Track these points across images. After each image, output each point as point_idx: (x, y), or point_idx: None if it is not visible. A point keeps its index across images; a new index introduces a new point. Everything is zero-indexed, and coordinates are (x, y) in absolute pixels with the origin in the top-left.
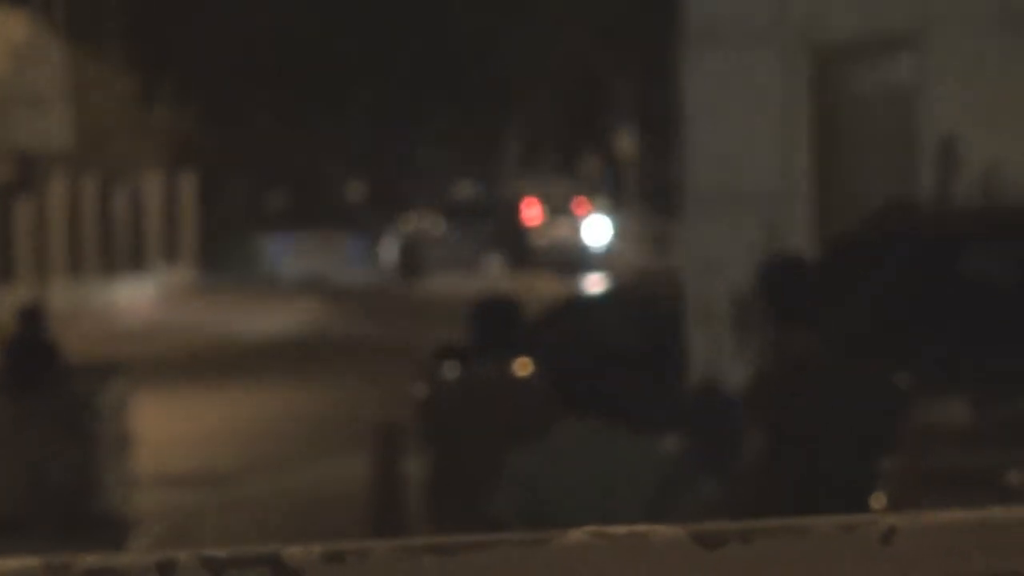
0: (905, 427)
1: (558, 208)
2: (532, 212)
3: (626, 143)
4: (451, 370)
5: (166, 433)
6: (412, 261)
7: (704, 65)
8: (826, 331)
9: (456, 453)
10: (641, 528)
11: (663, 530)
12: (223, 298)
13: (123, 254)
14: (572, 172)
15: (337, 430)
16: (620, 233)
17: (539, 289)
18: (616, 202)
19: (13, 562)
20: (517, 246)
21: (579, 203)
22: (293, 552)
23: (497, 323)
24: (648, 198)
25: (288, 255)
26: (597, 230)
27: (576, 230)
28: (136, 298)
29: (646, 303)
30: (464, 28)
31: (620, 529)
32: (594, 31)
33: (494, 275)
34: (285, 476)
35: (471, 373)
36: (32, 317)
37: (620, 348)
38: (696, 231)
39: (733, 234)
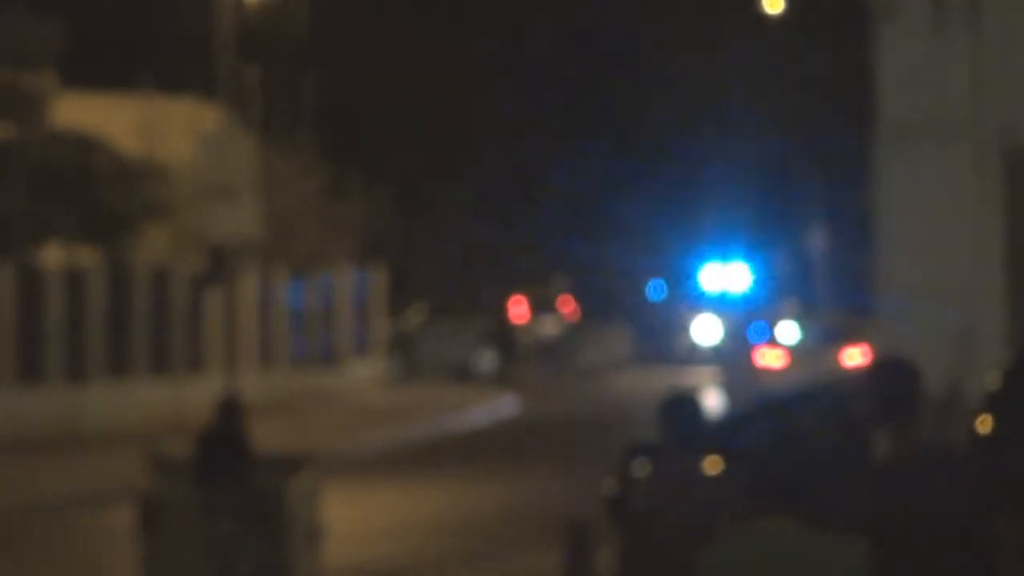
0: None
1: (544, 306)
2: (519, 310)
3: (818, 240)
4: (642, 468)
5: (357, 526)
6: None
7: (898, 163)
8: (1019, 432)
9: (646, 551)
10: None
11: None
12: (411, 390)
13: (313, 346)
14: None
15: (529, 525)
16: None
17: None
18: (806, 301)
19: None
20: (507, 343)
21: (564, 301)
22: None
23: (685, 420)
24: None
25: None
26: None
27: (560, 327)
28: (328, 389)
29: (839, 401)
30: (660, 121)
31: None
32: (787, 128)
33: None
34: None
35: (662, 471)
36: (228, 409)
37: (816, 448)
38: (888, 326)
39: (927, 331)
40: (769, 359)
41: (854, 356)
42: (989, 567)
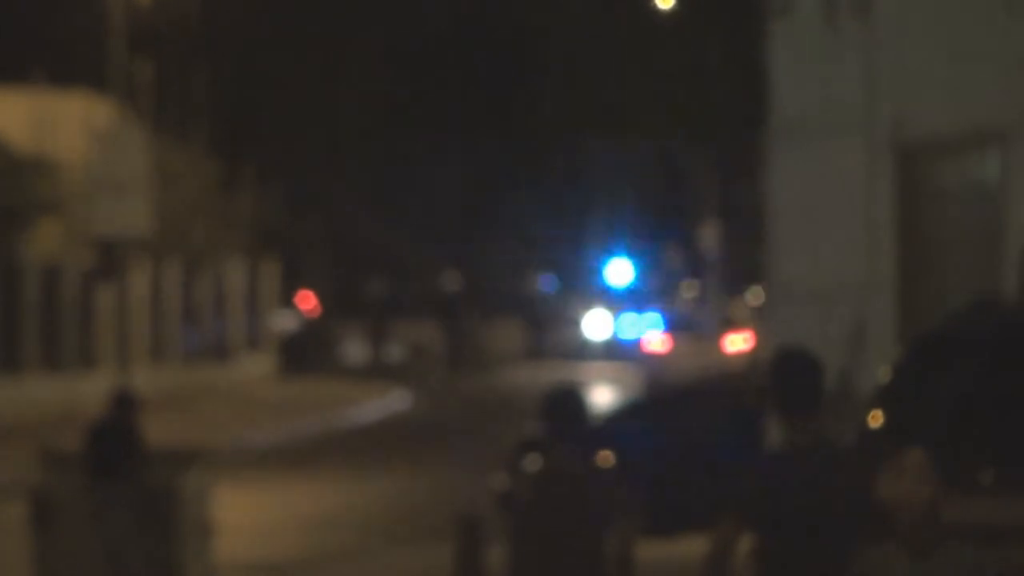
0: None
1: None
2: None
3: (710, 234)
4: (532, 462)
5: (249, 520)
6: None
7: (790, 160)
8: (911, 426)
9: (534, 543)
10: None
11: None
12: (303, 385)
13: (205, 340)
14: (657, 265)
15: (420, 519)
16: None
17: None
18: (700, 293)
19: None
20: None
21: (303, 297)
22: None
23: (568, 414)
24: (729, 290)
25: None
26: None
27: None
28: (220, 383)
29: (726, 396)
30: (548, 120)
31: None
32: (680, 125)
33: None
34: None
35: (548, 464)
36: (122, 403)
37: (704, 441)
38: (780, 322)
39: (818, 325)
40: (655, 345)
41: (736, 342)
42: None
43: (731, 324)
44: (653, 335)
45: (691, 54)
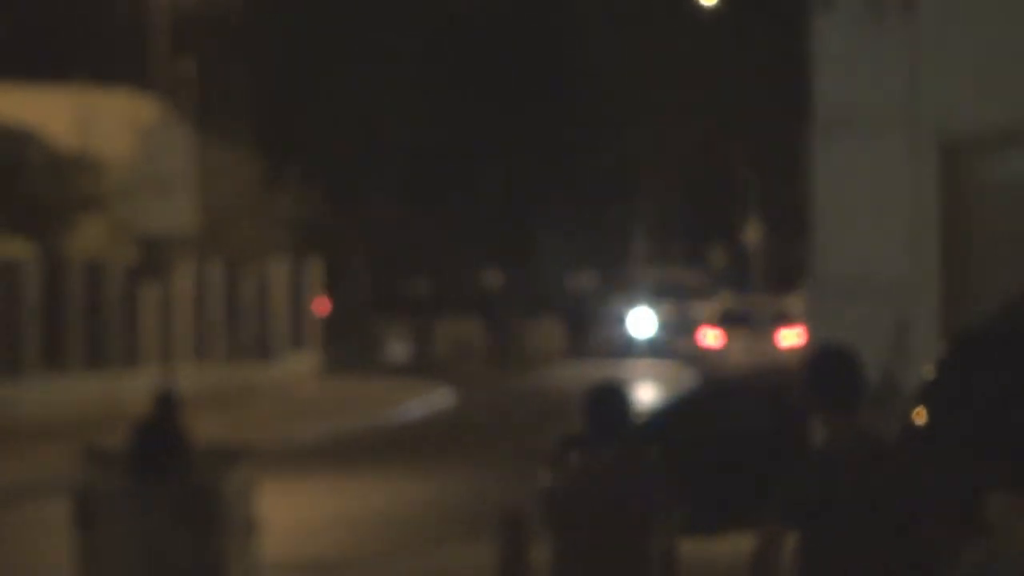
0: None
1: None
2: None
3: (753, 233)
4: (575, 460)
5: (292, 519)
6: None
7: (834, 156)
8: (956, 423)
9: (577, 541)
10: None
11: None
12: (346, 383)
13: (248, 338)
14: (701, 261)
15: (464, 517)
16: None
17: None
18: (741, 290)
19: None
20: None
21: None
22: None
23: (609, 411)
24: (775, 287)
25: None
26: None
27: None
28: (263, 382)
29: (774, 392)
30: (595, 116)
31: None
32: (722, 121)
33: None
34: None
35: (591, 461)
36: (165, 402)
37: (750, 439)
38: (823, 319)
39: (861, 323)
40: (710, 340)
41: (790, 337)
42: (919, 558)
43: (785, 319)
44: (708, 330)
45: (735, 50)
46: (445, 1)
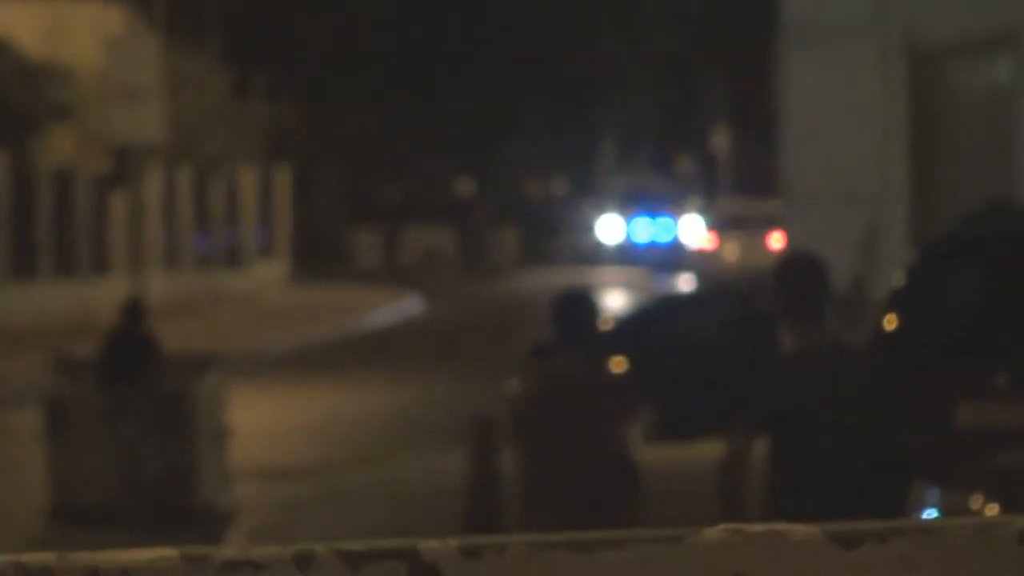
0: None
1: None
2: None
3: (722, 141)
4: (541, 367)
5: (261, 426)
6: None
7: (802, 64)
8: (925, 329)
9: (543, 450)
10: (778, 527)
11: (800, 529)
12: (316, 291)
13: (218, 247)
14: (668, 170)
15: (434, 423)
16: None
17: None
18: (710, 200)
19: (148, 553)
20: None
21: None
22: (430, 546)
23: (575, 318)
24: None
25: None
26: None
27: None
28: (233, 290)
29: (739, 301)
30: (561, 26)
31: (757, 527)
32: (690, 29)
33: None
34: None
35: (558, 367)
36: (133, 310)
37: (712, 345)
38: (794, 228)
39: (832, 231)
40: (703, 243)
41: (781, 240)
42: (892, 463)
43: (775, 223)
44: (699, 233)
45: None
46: None
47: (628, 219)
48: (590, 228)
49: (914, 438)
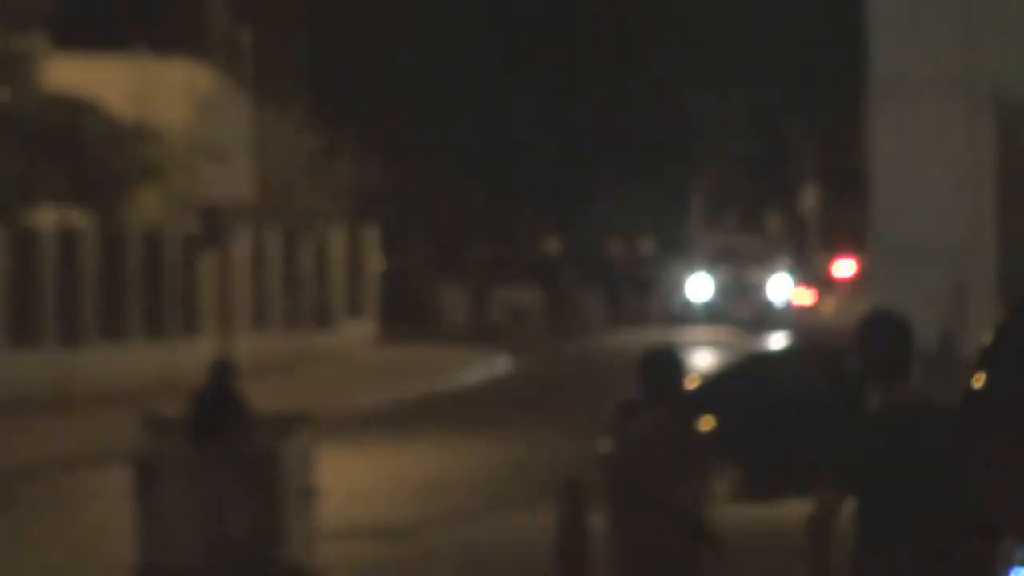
0: None
1: None
2: None
3: (811, 198)
4: (631, 426)
5: (351, 486)
6: None
7: (891, 120)
8: (1012, 388)
9: (632, 507)
10: None
11: None
12: (404, 350)
13: (307, 306)
14: (758, 228)
15: (523, 483)
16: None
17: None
18: (799, 257)
19: None
20: None
21: None
22: None
23: (660, 375)
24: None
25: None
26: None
27: None
28: (321, 349)
29: (829, 358)
30: (649, 82)
31: None
32: (779, 85)
33: None
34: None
35: (644, 426)
36: (222, 370)
37: (799, 404)
38: (882, 283)
39: (920, 286)
40: (803, 299)
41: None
42: (975, 522)
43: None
44: (800, 290)
45: (791, 14)
46: None
47: (717, 278)
48: (679, 287)
49: (1002, 496)
